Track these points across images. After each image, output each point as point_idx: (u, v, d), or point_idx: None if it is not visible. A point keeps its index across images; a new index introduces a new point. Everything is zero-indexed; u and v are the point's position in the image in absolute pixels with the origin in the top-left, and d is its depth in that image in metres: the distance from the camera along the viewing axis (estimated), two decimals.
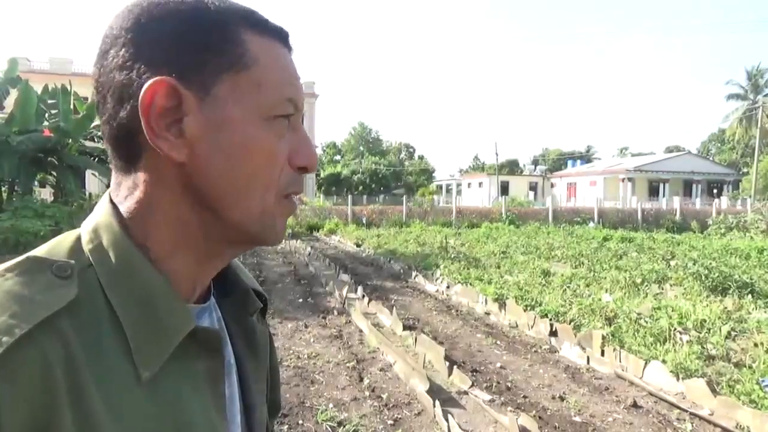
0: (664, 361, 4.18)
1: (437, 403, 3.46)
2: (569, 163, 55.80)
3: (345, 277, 8.75)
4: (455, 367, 4.22)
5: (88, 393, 0.40)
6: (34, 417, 0.37)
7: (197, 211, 0.49)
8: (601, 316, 5.41)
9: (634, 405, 3.71)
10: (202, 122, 0.47)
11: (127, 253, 0.47)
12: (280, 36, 0.52)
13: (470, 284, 7.53)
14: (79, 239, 0.48)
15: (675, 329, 4.84)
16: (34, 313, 0.39)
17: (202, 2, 0.49)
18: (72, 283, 0.43)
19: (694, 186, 41.07)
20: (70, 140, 12.01)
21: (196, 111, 0.47)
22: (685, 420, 3.48)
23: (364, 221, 19.84)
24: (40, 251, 0.46)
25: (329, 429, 3.28)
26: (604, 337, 4.74)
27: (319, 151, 50.54)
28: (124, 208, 0.49)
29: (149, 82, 0.45)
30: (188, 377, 0.48)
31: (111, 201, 0.50)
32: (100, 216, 0.49)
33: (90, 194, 14.49)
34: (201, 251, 0.51)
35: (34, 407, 0.37)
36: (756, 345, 4.54)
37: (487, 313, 6.43)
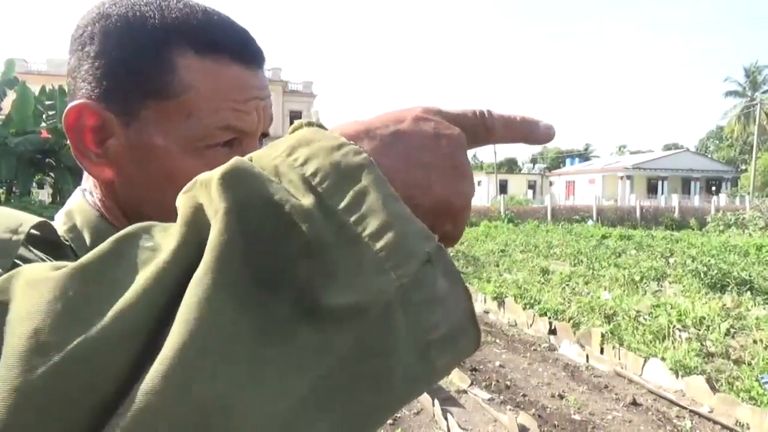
0: (663, 359, 4.18)
1: (436, 402, 3.46)
2: (568, 161, 55.89)
3: None
4: None
5: None
6: None
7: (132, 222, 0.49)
8: (600, 314, 5.41)
9: (634, 403, 3.71)
10: (126, 145, 0.46)
11: (100, 229, 0.48)
12: (233, 54, 0.47)
13: (469, 283, 7.53)
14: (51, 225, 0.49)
15: (674, 327, 4.84)
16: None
17: (142, 18, 0.45)
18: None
19: (692, 183, 41.10)
20: (68, 141, 12.00)
21: (119, 133, 0.46)
22: (684, 417, 3.48)
23: None
24: None
25: None
26: (603, 335, 4.74)
27: None
28: (92, 197, 0.51)
29: (72, 103, 0.45)
30: None
31: (82, 191, 0.51)
32: (72, 203, 0.51)
33: None
34: None
35: None
36: (755, 342, 4.55)
37: (486, 312, 6.42)
